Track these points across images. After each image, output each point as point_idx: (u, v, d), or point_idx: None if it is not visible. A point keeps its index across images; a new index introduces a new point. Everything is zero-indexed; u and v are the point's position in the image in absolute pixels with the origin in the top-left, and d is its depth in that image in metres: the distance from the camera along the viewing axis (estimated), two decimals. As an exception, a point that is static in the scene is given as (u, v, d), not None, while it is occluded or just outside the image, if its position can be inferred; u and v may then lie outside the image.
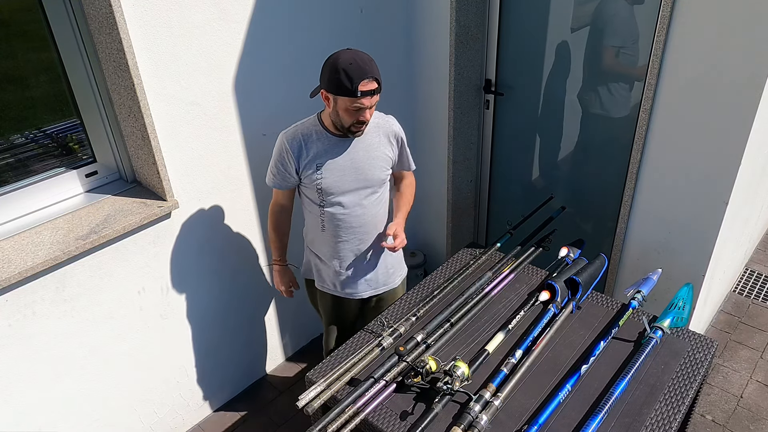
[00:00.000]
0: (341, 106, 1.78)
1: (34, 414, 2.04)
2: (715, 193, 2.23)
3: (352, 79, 1.71)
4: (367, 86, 1.73)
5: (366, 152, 1.95)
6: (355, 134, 1.89)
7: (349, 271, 2.08)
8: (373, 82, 1.74)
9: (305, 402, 1.59)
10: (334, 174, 1.91)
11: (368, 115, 1.81)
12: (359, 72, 1.71)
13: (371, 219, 2.03)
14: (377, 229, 2.07)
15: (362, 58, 1.74)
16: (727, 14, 1.97)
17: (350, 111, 1.78)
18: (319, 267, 2.13)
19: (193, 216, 2.29)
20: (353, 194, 1.96)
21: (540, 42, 2.73)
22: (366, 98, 1.75)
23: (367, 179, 1.96)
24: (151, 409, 2.44)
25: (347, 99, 1.74)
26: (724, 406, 2.63)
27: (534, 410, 1.60)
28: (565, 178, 2.98)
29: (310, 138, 1.90)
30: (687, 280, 2.21)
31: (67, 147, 2.12)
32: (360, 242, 2.04)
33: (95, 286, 2.06)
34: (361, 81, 1.71)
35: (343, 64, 1.72)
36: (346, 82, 1.71)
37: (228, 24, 2.14)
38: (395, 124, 2.03)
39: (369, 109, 1.80)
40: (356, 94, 1.72)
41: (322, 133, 1.91)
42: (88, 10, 1.90)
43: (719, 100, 2.09)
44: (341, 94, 1.74)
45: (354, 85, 1.71)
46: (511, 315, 1.93)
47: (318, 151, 1.90)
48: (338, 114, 1.81)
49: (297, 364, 2.99)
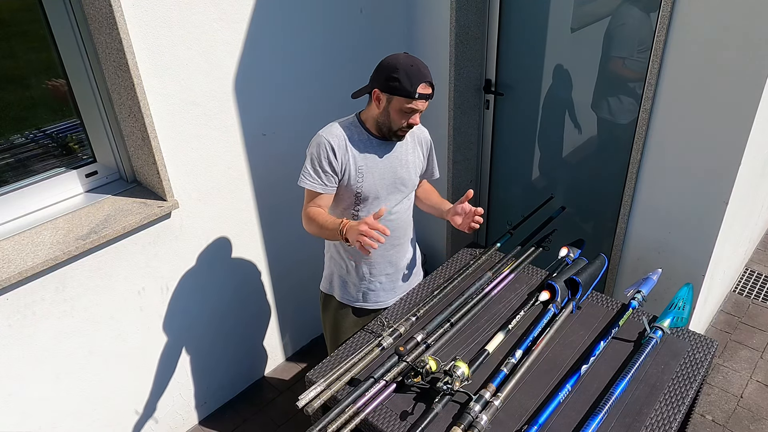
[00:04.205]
0: (395, 107, 1.78)
1: (34, 414, 2.04)
2: (715, 193, 2.23)
3: (412, 80, 1.72)
4: (426, 90, 1.75)
5: (403, 157, 1.94)
6: (400, 138, 1.88)
7: (378, 278, 2.05)
8: (430, 87, 1.76)
9: (305, 402, 1.59)
10: (374, 177, 1.89)
11: (418, 119, 1.83)
12: (419, 75, 1.73)
13: (402, 224, 2.03)
14: (406, 234, 2.07)
15: (421, 62, 1.77)
16: (727, 14, 1.97)
17: (403, 113, 1.78)
18: (344, 278, 2.07)
19: (193, 216, 2.29)
20: (388, 199, 1.94)
21: (540, 42, 2.73)
22: (421, 101, 1.76)
23: (404, 184, 1.96)
24: (151, 409, 2.44)
25: (403, 100, 1.75)
26: (724, 406, 2.63)
27: (534, 410, 1.60)
28: (565, 178, 2.98)
29: (352, 139, 1.87)
30: (687, 280, 2.21)
31: (67, 147, 2.12)
32: (391, 247, 2.02)
33: (95, 286, 2.06)
34: (420, 84, 1.73)
35: (403, 65, 1.73)
36: (405, 83, 1.72)
37: (228, 24, 2.14)
38: (426, 131, 2.05)
39: (419, 114, 1.81)
40: (414, 96, 1.73)
41: (363, 135, 1.88)
42: (88, 10, 1.90)
43: (719, 100, 2.09)
44: (398, 94, 1.75)
45: (414, 87, 1.72)
46: (511, 315, 1.92)
47: (360, 154, 1.87)
48: (389, 115, 1.80)
49: (297, 364, 2.99)
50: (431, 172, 2.13)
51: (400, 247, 2.06)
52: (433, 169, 2.12)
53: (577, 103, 2.73)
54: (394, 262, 2.07)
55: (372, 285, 2.07)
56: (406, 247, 2.09)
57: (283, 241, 2.70)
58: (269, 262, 2.69)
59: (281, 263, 2.74)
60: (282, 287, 2.80)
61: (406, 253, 2.10)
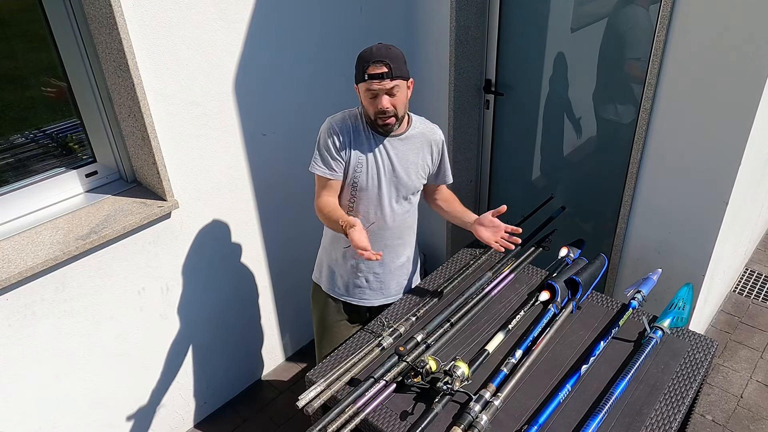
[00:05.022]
0: (362, 96, 1.80)
1: (34, 414, 2.04)
2: (715, 193, 2.23)
3: (363, 63, 1.73)
4: (376, 69, 1.72)
5: (406, 156, 1.92)
6: (385, 129, 1.84)
7: (366, 274, 2.03)
8: (382, 66, 1.72)
9: (305, 402, 1.59)
10: (372, 171, 1.88)
11: (385, 102, 1.76)
12: (369, 56, 1.73)
13: (398, 225, 1.99)
14: (401, 237, 2.03)
15: (382, 46, 1.75)
16: (727, 14, 1.97)
17: (368, 100, 1.78)
18: (333, 267, 2.07)
19: (193, 216, 2.29)
20: (386, 196, 1.92)
21: (540, 42, 2.73)
22: (375, 82, 1.72)
23: (402, 183, 1.93)
24: (151, 409, 2.44)
25: (363, 85, 1.76)
26: (724, 406, 2.63)
27: (534, 410, 1.60)
28: (565, 178, 2.98)
29: (357, 128, 1.87)
30: (687, 280, 2.21)
31: (67, 147, 2.12)
32: (384, 246, 1.98)
33: (95, 286, 2.06)
34: (370, 64, 1.72)
35: (362, 53, 1.75)
36: (358, 68, 1.75)
37: (228, 24, 2.14)
38: (438, 132, 2.00)
39: (386, 97, 1.75)
40: (364, 78, 1.73)
41: (366, 128, 1.88)
42: (88, 10, 1.90)
43: (719, 100, 2.09)
44: (357, 81, 1.77)
45: (364, 68, 1.73)
46: (511, 315, 1.92)
47: (361, 145, 1.87)
48: (363, 106, 1.82)
49: (297, 364, 2.99)
50: (444, 176, 2.06)
51: (392, 249, 2.02)
52: (445, 172, 2.06)
53: (577, 103, 2.73)
54: (385, 262, 2.03)
55: (359, 281, 2.05)
56: (399, 250, 2.05)
57: (283, 241, 2.70)
58: (269, 262, 2.69)
59: (281, 263, 2.74)
60: (282, 287, 2.80)
61: (399, 256, 2.06)
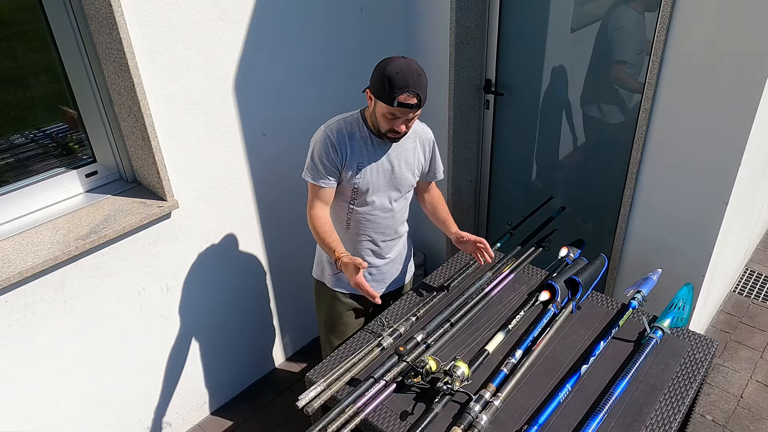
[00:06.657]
0: (379, 111, 1.78)
1: (35, 414, 2.04)
2: (715, 193, 2.23)
3: (393, 88, 1.69)
4: (407, 100, 1.70)
5: (403, 156, 1.95)
6: (391, 140, 1.87)
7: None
8: (414, 97, 1.70)
9: (305, 402, 1.59)
10: (372, 175, 1.90)
11: (403, 127, 1.79)
12: (402, 83, 1.68)
13: (396, 221, 2.05)
14: (397, 231, 2.09)
15: (412, 69, 1.71)
16: (727, 15, 1.97)
17: (386, 118, 1.77)
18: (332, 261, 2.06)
19: (193, 216, 2.29)
20: (385, 196, 1.97)
21: (540, 42, 2.73)
22: (401, 110, 1.72)
23: (400, 183, 1.97)
24: (151, 409, 2.44)
25: (385, 105, 1.74)
26: (724, 406, 2.63)
27: (534, 410, 1.60)
28: (565, 178, 2.98)
29: (353, 136, 1.87)
30: (687, 280, 2.22)
31: (67, 147, 2.12)
32: (382, 242, 2.06)
33: (95, 286, 2.06)
34: (402, 93, 1.69)
35: (390, 71, 1.69)
36: (387, 89, 1.70)
37: (228, 24, 2.14)
38: (429, 131, 2.04)
39: (406, 122, 1.78)
40: (393, 104, 1.71)
41: (364, 132, 1.88)
42: (88, 10, 1.90)
43: (719, 100, 2.09)
44: (380, 98, 1.74)
45: (394, 94, 1.69)
46: (511, 315, 1.93)
47: (360, 151, 1.87)
48: (376, 117, 1.81)
49: (297, 364, 2.99)
50: (434, 172, 2.11)
51: (390, 243, 2.09)
52: (436, 169, 2.11)
53: (577, 103, 2.73)
54: (381, 254, 2.09)
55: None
56: (397, 242, 2.12)
57: (283, 241, 2.70)
58: (269, 262, 2.69)
59: (281, 263, 2.74)
60: (282, 287, 2.80)
61: (396, 245, 2.13)
